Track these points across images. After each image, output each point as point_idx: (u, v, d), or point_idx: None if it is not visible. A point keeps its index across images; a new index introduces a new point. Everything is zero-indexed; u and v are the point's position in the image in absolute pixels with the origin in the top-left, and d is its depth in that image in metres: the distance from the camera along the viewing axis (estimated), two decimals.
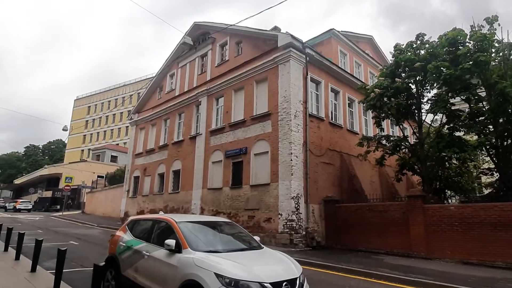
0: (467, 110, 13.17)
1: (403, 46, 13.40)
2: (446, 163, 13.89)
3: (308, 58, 15.53)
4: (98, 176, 45.24)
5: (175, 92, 23.00)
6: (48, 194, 51.62)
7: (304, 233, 13.66)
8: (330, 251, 13.29)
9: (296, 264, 5.14)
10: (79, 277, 7.85)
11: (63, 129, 26.42)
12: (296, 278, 4.65)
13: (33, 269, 7.52)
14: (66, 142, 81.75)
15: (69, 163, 53.73)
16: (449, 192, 15.47)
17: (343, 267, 9.74)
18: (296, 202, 13.62)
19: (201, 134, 19.15)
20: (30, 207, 42.93)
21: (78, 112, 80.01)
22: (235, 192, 16.16)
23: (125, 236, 6.44)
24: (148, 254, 5.47)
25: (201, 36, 21.99)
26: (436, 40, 12.48)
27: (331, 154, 16.10)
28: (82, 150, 74.97)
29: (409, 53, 13.06)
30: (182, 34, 21.97)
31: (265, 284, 4.24)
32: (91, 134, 75.54)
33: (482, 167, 15.39)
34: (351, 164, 16.39)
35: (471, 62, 10.67)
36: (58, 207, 43.04)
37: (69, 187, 35.71)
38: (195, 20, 22.02)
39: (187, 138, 20.36)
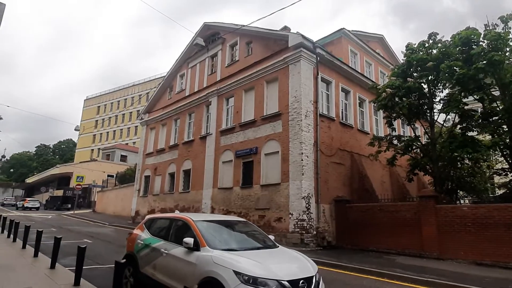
0: (479, 109, 13.07)
1: (415, 46, 13.32)
2: (458, 163, 13.78)
3: (318, 58, 15.55)
4: (108, 175, 45.78)
5: (185, 92, 23.19)
6: (59, 193, 52.38)
7: (315, 232, 13.70)
8: (341, 250, 13.31)
9: (311, 262, 5.22)
10: (96, 274, 8.01)
11: (75, 129, 26.83)
12: (312, 277, 4.73)
13: (53, 266, 7.71)
14: (76, 141, 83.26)
15: (80, 162, 54.41)
16: (461, 192, 15.33)
17: (355, 267, 9.76)
18: (307, 202, 13.66)
19: (211, 134, 19.29)
20: (38, 205, 43.83)
21: (88, 112, 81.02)
22: (245, 191, 16.26)
23: (143, 234, 6.56)
24: (166, 252, 5.59)
25: (211, 37, 22.15)
26: (449, 40, 12.38)
27: (341, 154, 16.10)
28: (92, 150, 75.88)
29: (421, 53, 12.98)
30: (191, 33, 22.21)
31: (283, 282, 4.32)
32: (101, 133, 76.39)
33: (495, 167, 15.23)
34: (362, 164, 16.35)
35: (485, 62, 10.58)
36: (69, 205, 43.71)
37: (80, 186, 36.29)
38: (204, 21, 22.13)
39: (197, 138, 20.52)
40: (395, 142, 14.47)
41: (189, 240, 5.12)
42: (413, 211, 12.09)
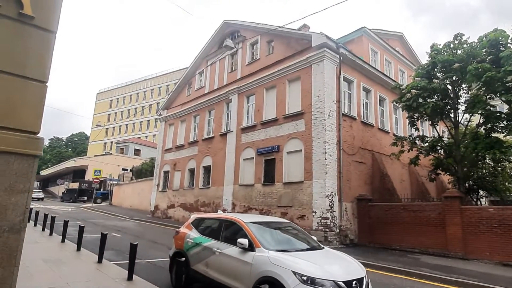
0: (504, 109, 13.10)
1: (440, 47, 13.40)
2: (480, 163, 13.89)
3: (341, 58, 15.68)
4: (123, 169, 46.64)
5: (204, 89, 23.51)
6: (75, 185, 53.53)
7: (337, 230, 13.99)
8: (364, 248, 13.58)
9: (360, 264, 5.52)
10: (137, 268, 8.42)
11: (97, 125, 27.27)
12: (363, 277, 5.02)
13: (100, 261, 8.15)
14: (89, 135, 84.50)
15: (95, 156, 55.37)
16: (481, 192, 15.46)
17: (384, 266, 9.99)
18: (330, 201, 13.93)
19: (232, 131, 19.61)
20: (42, 196, 46.83)
21: (100, 105, 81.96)
22: (267, 189, 16.58)
23: (192, 233, 6.92)
24: (219, 251, 5.93)
25: (230, 35, 22.36)
26: (476, 41, 12.43)
27: (362, 153, 16.30)
28: (105, 143, 76.96)
29: (446, 53, 13.05)
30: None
31: (339, 282, 4.60)
32: (113, 127, 77.30)
33: None
34: (382, 163, 16.54)
35: None
36: (85, 198, 44.77)
37: (98, 180, 37.11)
38: (224, 19, 22.27)
39: (218, 135, 20.87)
40: (418, 142, 14.59)
41: (244, 241, 5.44)
42: (438, 211, 12.29)
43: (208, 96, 22.65)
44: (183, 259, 6.18)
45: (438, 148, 13.80)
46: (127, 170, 45.32)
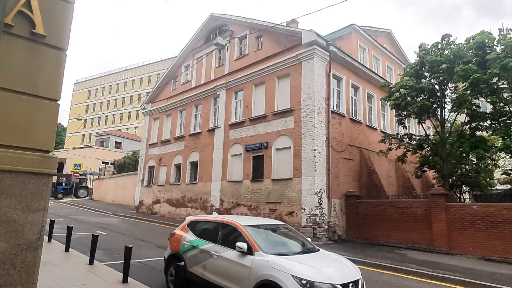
0: (488, 109, 13.55)
1: (428, 47, 13.67)
2: (465, 159, 14.39)
3: (331, 55, 15.74)
4: (103, 162, 45.61)
5: (191, 83, 23.16)
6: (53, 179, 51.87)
7: (326, 227, 14.19)
8: (352, 244, 13.85)
9: (355, 265, 5.68)
10: (130, 269, 8.24)
11: (77, 118, 26.44)
12: (359, 279, 5.15)
13: (91, 262, 7.96)
14: (66, 126, 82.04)
15: (73, 148, 53.85)
16: (464, 187, 16.06)
17: (372, 262, 10.22)
18: (319, 197, 14.08)
19: (220, 127, 19.45)
20: None
21: (78, 96, 79.65)
22: (256, 185, 16.59)
23: (188, 236, 6.86)
24: (217, 254, 5.92)
25: (217, 29, 22.04)
26: (463, 42, 12.75)
27: (351, 150, 16.52)
28: (83, 135, 75.03)
29: (433, 54, 13.33)
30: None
31: (337, 286, 4.72)
32: (92, 119, 75.36)
33: (499, 165, 15.94)
34: (370, 160, 16.83)
35: (499, 67, 10.97)
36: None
37: (78, 174, 36.15)
38: (211, 12, 21.91)
39: (205, 131, 20.66)
40: (405, 140, 14.92)
41: (243, 245, 5.47)
42: (424, 208, 12.64)
43: (195, 91, 22.34)
44: (183, 263, 6.11)
45: (425, 146, 14.15)
46: (108, 163, 44.35)
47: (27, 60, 2.80)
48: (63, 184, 40.65)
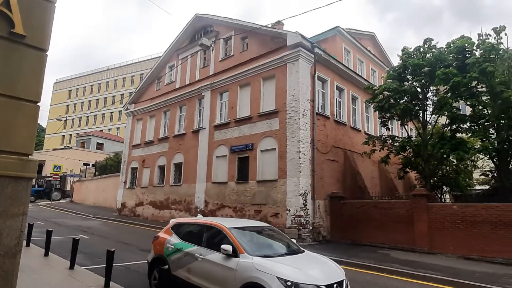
0: (468, 112, 13.94)
1: (411, 50, 13.97)
2: (445, 160, 14.77)
3: (316, 57, 15.86)
4: (84, 164, 44.55)
5: (175, 84, 22.91)
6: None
7: (311, 228, 14.27)
8: (336, 245, 13.95)
9: (339, 266, 5.73)
10: (112, 273, 8.06)
11: (57, 119, 25.74)
12: (343, 280, 5.20)
13: (72, 266, 7.72)
14: (45, 126, 79.80)
15: (53, 150, 52.40)
16: (445, 188, 16.48)
17: (356, 263, 10.32)
18: (304, 199, 14.15)
19: (205, 128, 19.30)
20: None
21: (58, 96, 77.64)
22: (241, 186, 16.53)
23: (172, 239, 6.75)
24: (202, 256, 5.86)
25: (202, 29, 21.90)
26: (444, 47, 13.09)
27: (335, 151, 16.68)
28: (63, 136, 73.18)
29: (416, 57, 13.64)
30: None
31: (321, 286, 4.75)
32: (73, 119, 73.57)
33: (479, 166, 16.44)
34: (354, 161, 17.04)
35: (478, 71, 11.30)
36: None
37: (57, 176, 35.21)
38: (196, 12, 21.74)
39: (190, 132, 20.46)
40: (388, 141, 15.19)
41: (228, 247, 5.43)
42: (406, 208, 12.86)
43: (179, 92, 22.11)
44: (167, 266, 6.01)
45: (408, 148, 14.43)
46: (89, 165, 43.35)
47: (5, 61, 2.71)
48: (36, 186, 38.74)
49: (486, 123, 12.75)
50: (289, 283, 4.63)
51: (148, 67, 49.26)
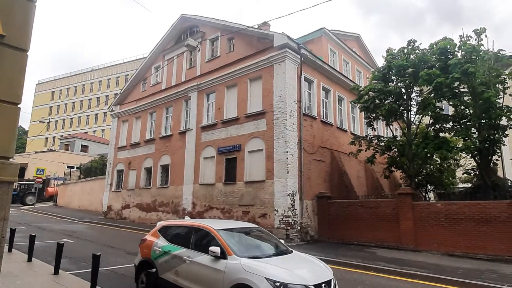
0: (450, 110, 14.26)
1: (395, 51, 14.20)
2: (429, 160, 15.07)
3: (302, 58, 15.95)
4: (68, 167, 43.64)
5: (161, 85, 22.69)
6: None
7: (299, 228, 14.32)
8: (324, 244, 14.05)
9: (327, 266, 5.77)
10: (99, 277, 7.91)
11: (39, 121, 25.12)
12: (331, 279, 5.25)
13: (56, 272, 7.57)
14: (27, 129, 77.86)
15: (36, 152, 51.21)
16: (429, 186, 16.81)
17: (343, 262, 10.43)
18: (291, 199, 14.19)
19: (192, 129, 19.17)
20: None
21: (40, 97, 75.98)
22: (228, 188, 16.48)
23: (159, 241, 6.70)
24: (190, 259, 5.83)
25: (188, 30, 21.76)
26: (427, 48, 13.37)
27: (322, 151, 16.80)
28: (46, 138, 71.61)
29: (400, 58, 13.87)
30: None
31: (309, 286, 4.79)
32: (56, 121, 72.07)
33: (461, 164, 16.82)
34: (341, 161, 17.20)
35: (460, 72, 11.57)
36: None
37: (41, 179, 34.41)
38: (182, 13, 21.60)
39: (176, 133, 20.29)
40: (375, 141, 15.40)
41: (216, 249, 5.42)
42: (392, 207, 13.07)
43: (166, 93, 21.90)
44: (154, 270, 5.94)
45: (393, 147, 14.65)
46: (73, 167, 42.46)
47: None
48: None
49: (468, 123, 13.04)
50: (277, 284, 4.66)
51: (133, 68, 48.67)
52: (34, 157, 47.39)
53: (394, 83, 13.87)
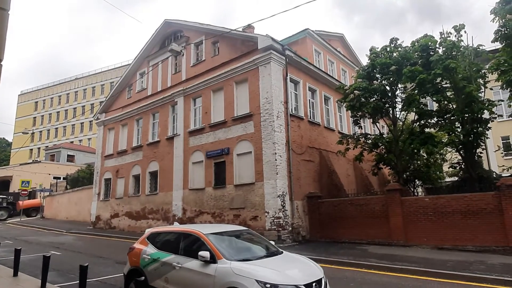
0: (434, 106, 14.49)
1: (378, 50, 14.37)
2: (416, 155, 15.28)
3: (287, 60, 16.02)
4: (55, 177, 42.76)
5: (147, 91, 22.48)
6: None
7: (290, 229, 14.31)
8: (316, 244, 14.07)
9: (317, 265, 5.78)
10: None
11: (23, 132, 24.58)
12: (321, 278, 5.26)
13: (43, 285, 7.39)
14: (11, 141, 76.16)
15: (20, 164, 50.06)
16: (417, 181, 17.04)
17: (335, 260, 10.45)
18: (282, 200, 14.19)
19: (179, 134, 19.02)
20: None
21: (23, 108, 74.53)
22: (218, 192, 16.39)
23: (148, 249, 6.59)
24: (179, 265, 5.75)
25: (172, 34, 21.65)
26: (409, 45, 13.58)
27: (310, 151, 16.86)
28: (31, 150, 70.18)
29: (383, 56, 14.06)
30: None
31: (300, 286, 4.79)
32: (41, 132, 70.72)
33: (447, 159, 17.11)
34: (330, 160, 17.29)
35: (442, 68, 11.79)
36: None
37: (26, 192, 33.56)
38: (165, 18, 21.43)
39: (164, 139, 20.10)
40: (362, 139, 15.53)
41: (205, 254, 5.36)
42: (381, 204, 13.18)
43: (152, 99, 21.71)
44: (143, 278, 5.83)
45: (380, 144, 14.81)
46: (60, 178, 41.65)
47: None
48: None
49: (451, 117, 13.29)
50: (268, 285, 4.64)
51: (118, 75, 48.17)
52: (18, 169, 46.30)
53: (379, 81, 14.03)
